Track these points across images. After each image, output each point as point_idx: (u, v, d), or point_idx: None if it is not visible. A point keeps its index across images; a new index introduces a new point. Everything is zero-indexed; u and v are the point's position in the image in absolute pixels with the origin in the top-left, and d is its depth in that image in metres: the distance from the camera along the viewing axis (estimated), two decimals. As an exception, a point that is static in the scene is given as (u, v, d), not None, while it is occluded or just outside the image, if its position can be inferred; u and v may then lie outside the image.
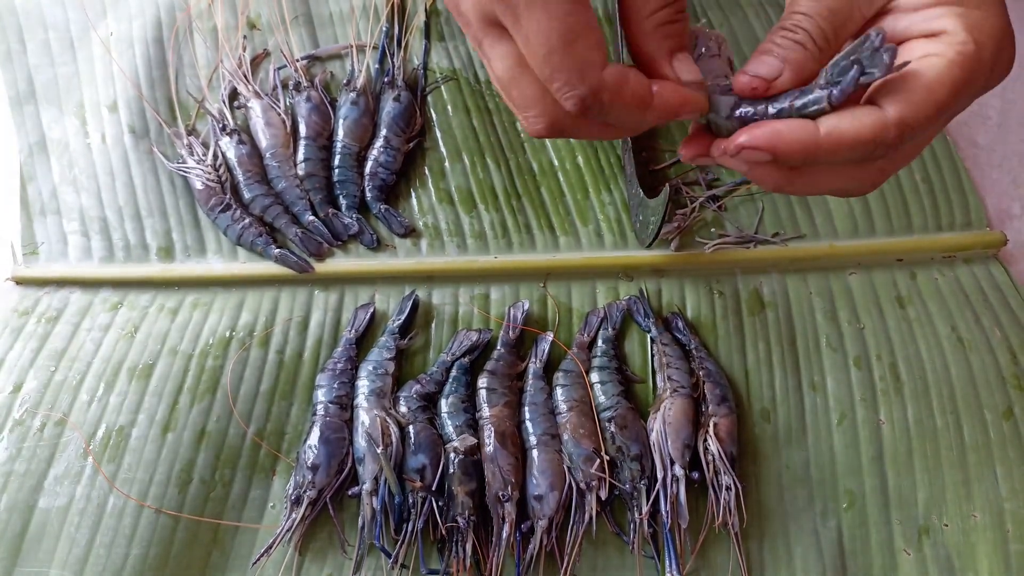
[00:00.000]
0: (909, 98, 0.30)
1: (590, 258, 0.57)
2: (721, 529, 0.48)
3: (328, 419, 0.50)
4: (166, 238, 0.58)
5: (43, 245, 0.57)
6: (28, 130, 0.59)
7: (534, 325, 0.56)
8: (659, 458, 0.49)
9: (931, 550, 0.49)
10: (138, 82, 0.60)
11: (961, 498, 0.50)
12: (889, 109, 0.30)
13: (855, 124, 0.30)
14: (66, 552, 0.47)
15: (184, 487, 0.49)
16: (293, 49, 0.61)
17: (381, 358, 0.52)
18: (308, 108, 0.59)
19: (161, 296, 0.56)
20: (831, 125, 0.30)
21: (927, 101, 0.30)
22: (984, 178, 0.61)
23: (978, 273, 0.58)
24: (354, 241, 0.58)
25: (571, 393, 0.52)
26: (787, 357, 0.54)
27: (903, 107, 0.30)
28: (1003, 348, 0.55)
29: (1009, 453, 0.51)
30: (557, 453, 0.49)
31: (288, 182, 0.58)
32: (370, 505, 0.47)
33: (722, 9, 0.65)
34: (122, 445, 0.50)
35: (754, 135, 0.31)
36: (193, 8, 0.62)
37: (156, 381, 0.52)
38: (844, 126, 0.30)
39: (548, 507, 0.48)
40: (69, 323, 0.55)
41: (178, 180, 0.58)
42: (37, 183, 0.58)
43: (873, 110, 0.30)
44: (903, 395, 0.53)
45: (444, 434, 0.50)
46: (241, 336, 0.54)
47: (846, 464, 0.51)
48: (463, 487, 0.48)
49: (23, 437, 0.50)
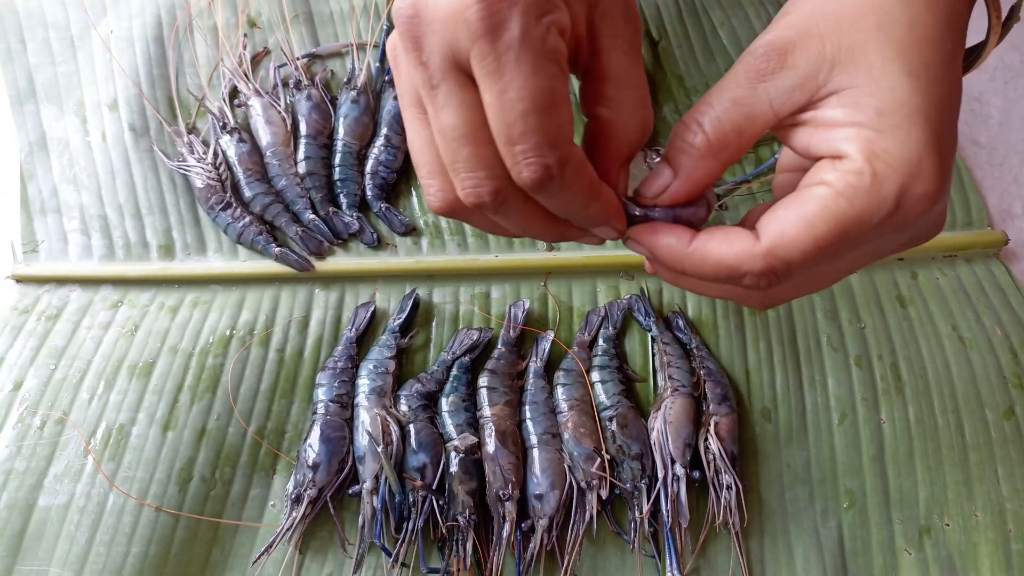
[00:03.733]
0: (783, 230, 0.27)
1: (591, 257, 0.57)
2: (722, 528, 0.48)
3: (328, 418, 0.50)
4: (166, 236, 0.57)
5: (43, 243, 0.57)
6: (28, 128, 0.59)
7: (535, 324, 0.56)
8: (660, 457, 0.49)
9: (932, 550, 0.49)
10: (138, 80, 0.60)
11: (962, 497, 0.50)
12: (763, 238, 0.28)
13: (722, 247, 0.28)
14: (66, 550, 0.47)
15: (184, 485, 0.49)
16: (293, 47, 0.61)
17: (382, 357, 0.52)
18: (308, 106, 0.59)
19: (161, 294, 0.56)
20: (701, 241, 0.29)
21: (803, 236, 0.27)
22: (985, 177, 0.61)
23: (979, 272, 0.58)
24: (355, 239, 0.58)
25: (572, 392, 0.51)
26: (788, 356, 0.54)
27: (775, 239, 0.27)
28: (1004, 347, 0.55)
29: (1010, 452, 0.51)
30: (558, 452, 0.49)
31: (288, 180, 0.58)
32: (370, 504, 0.47)
33: (723, 9, 0.65)
34: (122, 443, 0.50)
35: (636, 231, 0.31)
36: (193, 6, 0.62)
37: (156, 379, 0.52)
38: (711, 246, 0.29)
39: (549, 506, 0.48)
40: (69, 321, 0.55)
41: (178, 178, 0.58)
42: (37, 181, 0.58)
43: (746, 236, 0.28)
44: (904, 394, 0.53)
45: (445, 433, 0.50)
46: (241, 334, 0.54)
47: (847, 463, 0.51)
48: (463, 486, 0.48)
49: (23, 435, 0.50)
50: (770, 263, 0.27)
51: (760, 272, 0.28)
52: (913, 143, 0.26)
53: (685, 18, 0.65)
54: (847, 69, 0.27)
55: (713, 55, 0.63)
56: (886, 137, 0.26)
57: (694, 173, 0.29)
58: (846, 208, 0.26)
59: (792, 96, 0.28)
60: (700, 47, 0.64)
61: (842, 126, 0.27)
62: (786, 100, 0.28)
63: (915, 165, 0.26)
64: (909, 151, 0.26)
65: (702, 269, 0.29)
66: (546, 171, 0.26)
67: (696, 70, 0.63)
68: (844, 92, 0.27)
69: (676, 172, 0.30)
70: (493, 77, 0.25)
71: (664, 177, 0.30)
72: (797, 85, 0.28)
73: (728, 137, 0.29)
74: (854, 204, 0.26)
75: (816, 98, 0.28)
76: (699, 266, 0.29)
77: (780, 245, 0.27)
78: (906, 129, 0.26)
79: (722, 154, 0.29)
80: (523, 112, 0.25)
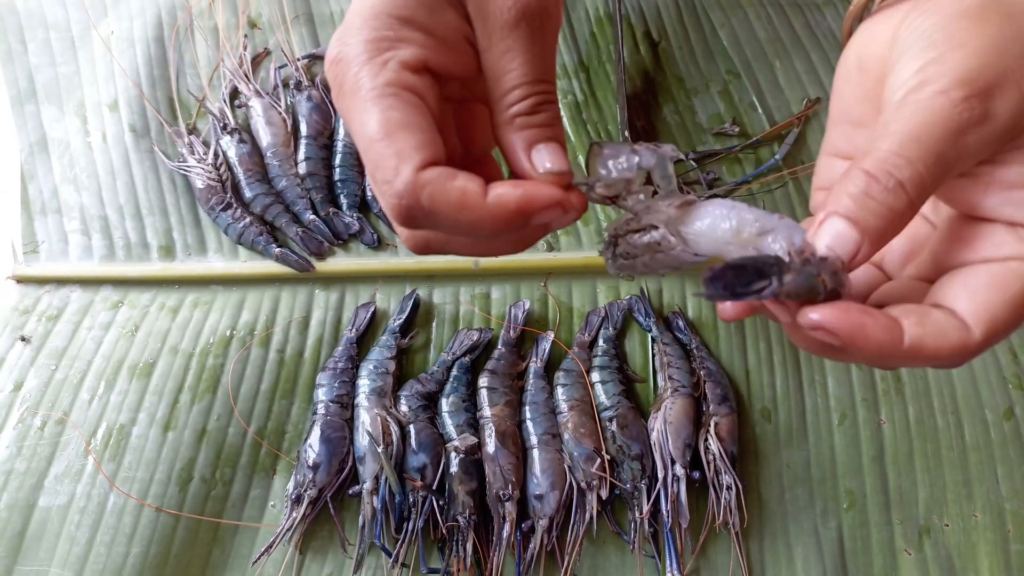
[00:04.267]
0: (994, 317, 0.25)
1: (591, 257, 0.57)
2: (722, 528, 0.48)
3: (329, 418, 0.50)
4: (167, 237, 0.57)
5: (44, 244, 0.57)
6: (29, 129, 0.59)
7: (535, 324, 0.56)
8: (660, 457, 0.49)
9: (932, 550, 0.49)
10: (139, 81, 0.60)
11: (962, 498, 0.50)
12: (975, 330, 0.25)
13: (939, 342, 0.25)
14: (66, 551, 0.47)
15: (184, 486, 0.49)
16: (294, 48, 0.61)
17: (382, 357, 0.52)
18: (309, 107, 0.59)
19: (162, 295, 0.56)
20: (915, 338, 0.25)
21: (1013, 320, 0.25)
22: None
23: (979, 273, 0.58)
24: (355, 240, 0.58)
25: (572, 392, 0.52)
26: (788, 357, 0.54)
27: (988, 329, 0.25)
28: (1004, 348, 0.55)
29: (1010, 453, 0.51)
30: (558, 452, 0.49)
31: (289, 181, 0.58)
32: (371, 504, 0.47)
33: (723, 9, 0.65)
34: (122, 444, 0.50)
35: (835, 319, 0.25)
36: (194, 7, 0.62)
37: (157, 380, 0.52)
38: (927, 342, 0.25)
39: (549, 506, 0.48)
40: (70, 322, 0.55)
41: (179, 179, 0.58)
42: (38, 182, 0.58)
43: (959, 328, 0.25)
44: (904, 395, 0.53)
45: (445, 433, 0.50)
46: (242, 335, 0.54)
47: (847, 464, 0.51)
48: (464, 486, 0.48)
49: (23, 436, 0.50)
50: (983, 349, 0.26)
51: (971, 356, 0.26)
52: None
53: (685, 19, 0.65)
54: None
55: (713, 56, 0.63)
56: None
57: (885, 238, 0.25)
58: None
59: (988, 149, 0.25)
60: (700, 48, 0.64)
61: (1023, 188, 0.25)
62: (983, 153, 0.25)
63: None
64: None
65: (912, 363, 0.26)
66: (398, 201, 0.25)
67: (696, 71, 0.63)
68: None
69: (864, 234, 0.25)
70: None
71: (846, 239, 0.25)
72: (995, 139, 0.25)
73: (926, 196, 0.25)
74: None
75: (1003, 151, 0.25)
76: (909, 361, 0.26)
77: (994, 333, 0.25)
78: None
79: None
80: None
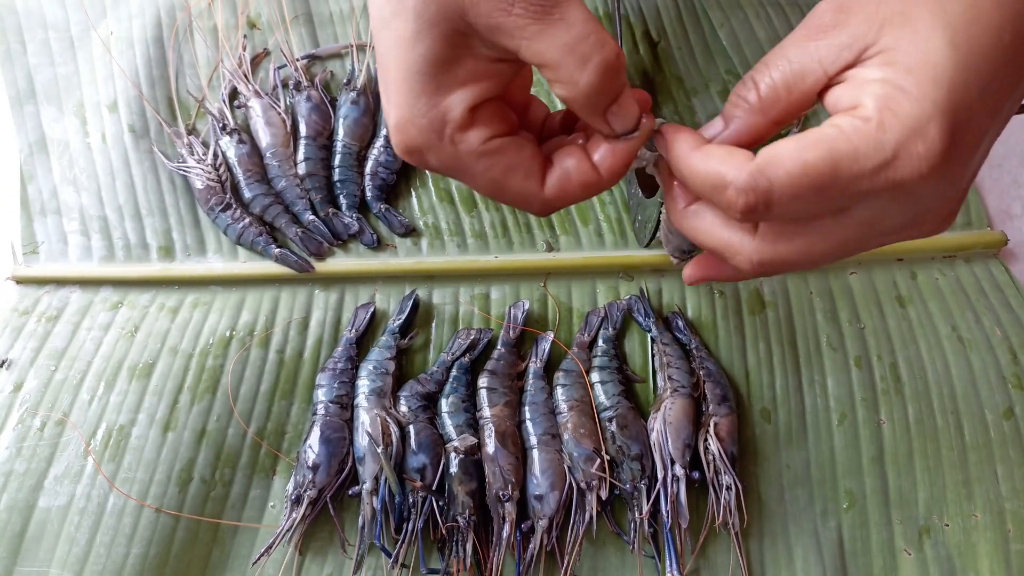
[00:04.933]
0: (777, 151, 0.27)
1: (590, 257, 0.57)
2: (721, 529, 0.48)
3: (328, 418, 0.50)
4: (166, 237, 0.57)
5: (43, 244, 0.57)
6: (28, 129, 0.59)
7: (534, 325, 0.56)
8: (659, 458, 0.49)
9: (932, 550, 0.49)
10: (138, 81, 0.60)
11: (962, 498, 0.50)
12: (757, 157, 0.28)
13: (720, 155, 0.29)
14: (66, 551, 0.47)
15: (184, 486, 0.49)
16: (293, 48, 0.61)
17: (381, 357, 0.52)
18: (308, 107, 0.59)
19: (161, 295, 0.56)
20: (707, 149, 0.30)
21: (794, 157, 0.27)
22: (985, 178, 0.61)
23: (979, 273, 0.58)
24: (354, 240, 0.58)
25: (571, 393, 0.52)
26: (787, 357, 0.54)
27: (766, 157, 0.28)
28: (1004, 348, 0.55)
29: (1010, 452, 0.51)
30: (557, 453, 0.49)
31: (288, 181, 0.58)
32: (370, 504, 0.47)
33: (722, 9, 0.65)
34: (122, 444, 0.50)
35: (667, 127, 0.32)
36: (193, 7, 0.62)
37: (156, 380, 0.52)
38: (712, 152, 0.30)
39: (548, 507, 0.48)
40: (69, 322, 0.55)
41: (178, 179, 0.58)
42: (37, 182, 0.58)
43: (747, 155, 0.29)
44: (903, 395, 0.53)
45: (444, 434, 0.50)
46: (241, 335, 0.54)
47: (846, 464, 0.51)
48: (463, 487, 0.48)
49: (23, 436, 0.50)
50: (755, 178, 0.27)
51: (743, 186, 0.28)
52: (927, 103, 0.26)
53: (685, 19, 0.65)
54: (894, 31, 0.28)
55: (713, 56, 0.63)
56: (903, 93, 0.27)
57: (743, 128, 0.30)
58: (842, 143, 0.27)
59: (841, 55, 0.28)
60: (700, 48, 0.64)
61: (871, 82, 0.27)
62: (836, 58, 0.28)
63: (921, 123, 0.26)
64: (920, 109, 0.26)
65: (696, 173, 0.30)
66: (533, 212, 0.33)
67: (696, 71, 0.63)
68: (885, 52, 0.28)
69: (727, 124, 0.31)
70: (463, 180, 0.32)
71: (715, 127, 0.31)
72: (847, 44, 0.28)
73: (778, 94, 0.29)
74: (851, 141, 0.27)
75: (863, 58, 0.28)
76: (694, 169, 0.30)
77: (769, 163, 0.27)
78: (925, 89, 0.26)
79: (772, 111, 0.30)
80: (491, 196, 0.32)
